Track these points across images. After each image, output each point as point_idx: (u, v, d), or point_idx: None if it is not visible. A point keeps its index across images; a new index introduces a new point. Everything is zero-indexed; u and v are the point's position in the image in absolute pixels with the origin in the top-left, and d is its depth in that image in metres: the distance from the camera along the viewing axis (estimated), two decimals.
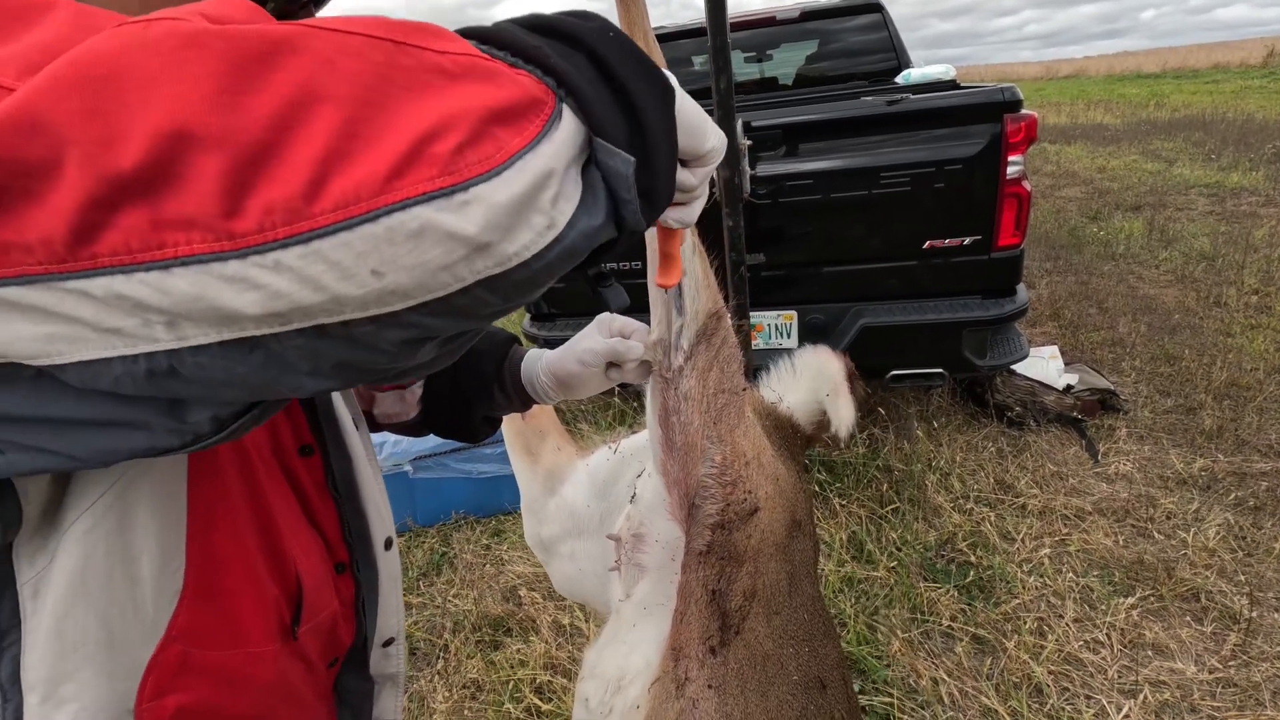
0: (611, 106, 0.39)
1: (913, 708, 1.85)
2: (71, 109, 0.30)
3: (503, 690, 2.02)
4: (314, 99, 0.31)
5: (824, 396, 1.13)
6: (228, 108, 0.30)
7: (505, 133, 0.34)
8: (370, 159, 0.31)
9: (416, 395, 0.90)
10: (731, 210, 2.15)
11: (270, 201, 0.31)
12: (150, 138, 0.30)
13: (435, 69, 0.34)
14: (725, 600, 0.92)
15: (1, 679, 0.51)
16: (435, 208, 0.32)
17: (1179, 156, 9.37)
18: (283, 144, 0.31)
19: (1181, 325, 4.06)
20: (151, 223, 0.31)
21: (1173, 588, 2.18)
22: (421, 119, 0.32)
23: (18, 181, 0.30)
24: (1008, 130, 2.52)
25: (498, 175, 0.33)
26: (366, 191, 0.31)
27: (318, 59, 0.32)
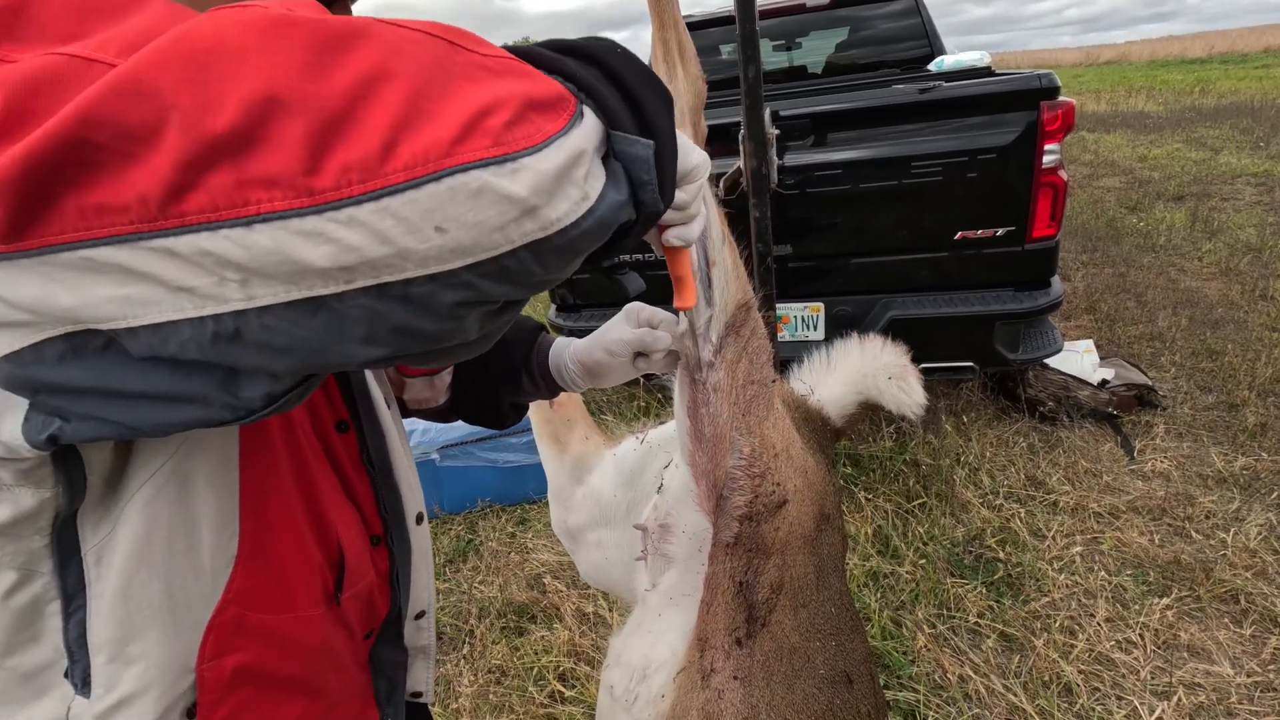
0: (624, 107, 0.44)
1: (938, 704, 1.84)
2: (174, 78, 0.33)
3: (527, 676, 2.04)
4: (386, 75, 0.35)
5: (887, 380, 1.12)
6: (312, 79, 0.34)
7: (541, 118, 0.38)
8: (435, 127, 0.35)
9: (446, 381, 0.92)
10: (759, 200, 2.13)
11: (347, 161, 0.34)
12: (244, 103, 0.33)
13: (481, 66, 0.39)
14: (752, 592, 0.92)
15: (69, 641, 0.54)
16: (492, 172, 0.36)
17: (1225, 144, 9.04)
18: (359, 111, 0.34)
19: (1225, 319, 3.93)
20: (237, 182, 0.34)
21: (1210, 589, 2.12)
22: (475, 99, 0.37)
23: (120, 144, 0.33)
24: (1044, 118, 2.45)
25: (540, 150, 0.37)
26: (434, 154, 0.35)
27: (388, 45, 0.36)
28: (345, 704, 0.72)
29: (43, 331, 0.39)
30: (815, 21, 4.92)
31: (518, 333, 0.93)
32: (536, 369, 0.93)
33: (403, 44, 0.37)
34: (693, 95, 0.79)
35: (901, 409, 1.16)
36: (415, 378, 0.91)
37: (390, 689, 0.79)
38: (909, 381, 1.14)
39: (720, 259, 0.80)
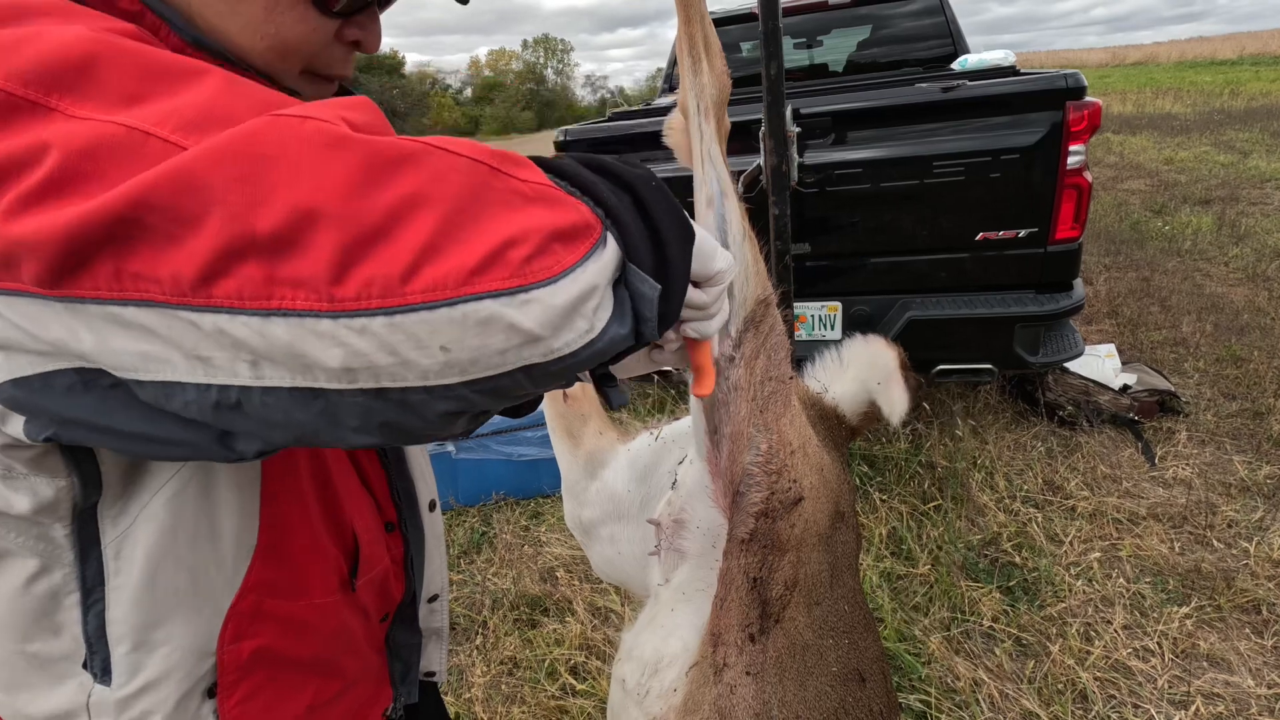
0: (646, 240, 0.46)
1: (950, 707, 1.83)
2: (228, 176, 0.36)
3: (539, 668, 2.06)
4: (424, 201, 0.38)
5: (875, 385, 1.11)
6: (355, 198, 0.37)
7: (563, 249, 0.40)
8: (459, 255, 0.38)
9: None
10: (778, 198, 2.13)
11: (371, 276, 0.36)
12: (288, 211, 0.36)
13: (517, 193, 0.41)
14: (766, 588, 0.93)
15: (89, 633, 0.55)
16: (503, 303, 0.38)
17: (1255, 148, 8.86)
18: (393, 232, 0.37)
19: (1251, 325, 3.85)
20: (267, 277, 0.36)
21: (1231, 598, 2.09)
22: (502, 230, 0.39)
23: (167, 226, 0.36)
24: (1069, 118, 2.42)
25: (555, 282, 0.39)
26: (453, 281, 0.37)
27: (432, 173, 0.39)
28: (360, 684, 0.73)
29: (57, 362, 0.42)
30: (837, 19, 4.88)
31: None
32: None
33: (447, 171, 0.39)
34: (717, 90, 0.79)
35: (886, 416, 1.14)
36: None
37: (405, 670, 0.80)
38: (893, 390, 1.13)
39: (740, 255, 0.80)
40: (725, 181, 0.79)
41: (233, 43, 0.54)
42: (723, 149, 0.80)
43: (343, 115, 0.40)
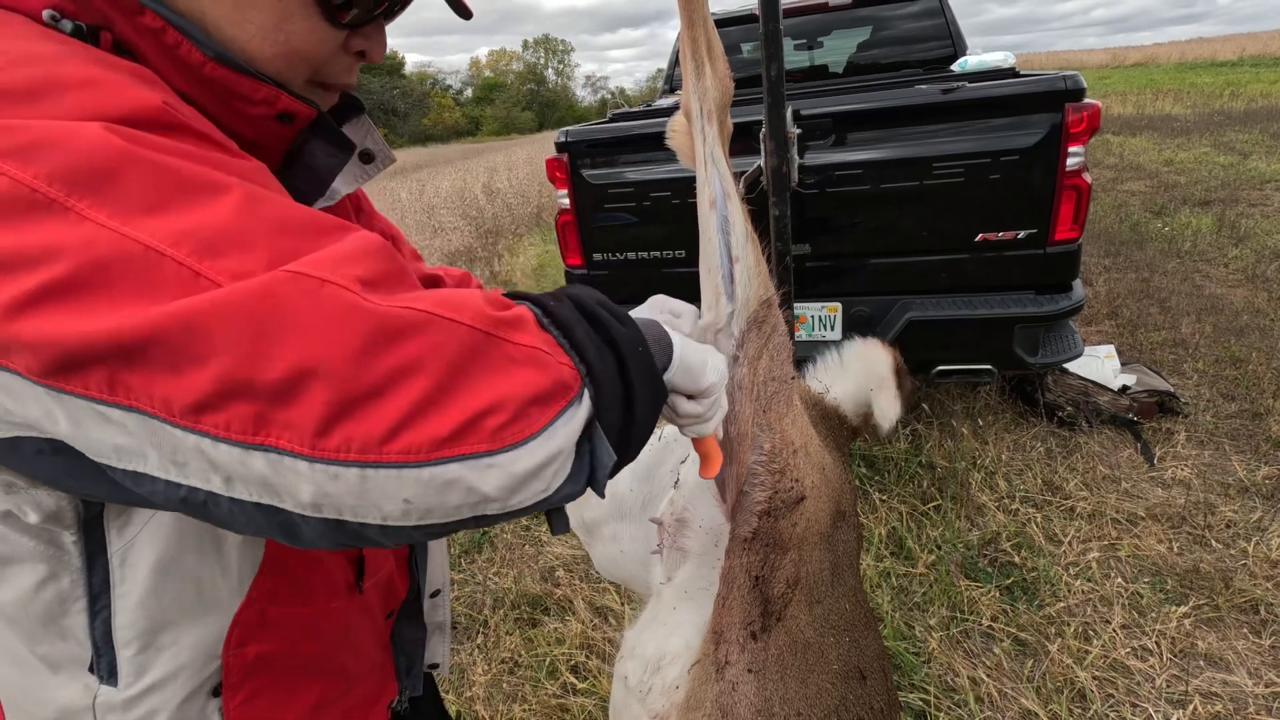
0: (619, 402, 0.50)
1: (950, 706, 1.84)
2: (239, 330, 0.38)
3: (539, 667, 2.07)
4: (417, 370, 0.41)
5: (869, 390, 1.12)
6: (355, 364, 0.39)
7: (538, 411, 0.44)
8: (438, 423, 0.41)
9: None
10: (779, 199, 2.14)
11: (353, 433, 0.39)
12: (290, 367, 0.38)
13: (508, 357, 0.44)
14: (768, 587, 0.93)
15: (96, 638, 0.56)
16: (468, 467, 0.41)
17: (1255, 149, 8.87)
18: (382, 397, 0.40)
19: (1250, 327, 3.86)
20: (258, 416, 0.39)
21: (1230, 598, 2.10)
22: (485, 396, 0.42)
23: (170, 359, 0.38)
24: (1069, 120, 2.43)
25: (521, 447, 0.43)
26: (427, 446, 0.40)
27: (431, 343, 0.41)
28: (366, 679, 0.74)
29: (27, 431, 0.43)
30: (837, 21, 4.89)
31: None
32: None
33: (445, 342, 0.42)
34: (720, 93, 0.80)
35: (878, 419, 1.15)
36: None
37: (409, 663, 0.81)
38: (884, 395, 1.13)
39: (743, 255, 0.81)
40: (728, 183, 0.80)
41: (244, 50, 0.55)
42: (725, 151, 0.81)
43: (357, 275, 0.41)
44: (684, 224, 2.85)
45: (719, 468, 0.73)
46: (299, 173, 0.64)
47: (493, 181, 12.33)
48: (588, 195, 2.98)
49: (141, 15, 0.51)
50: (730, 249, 0.80)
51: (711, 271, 0.82)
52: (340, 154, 0.65)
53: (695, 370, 0.61)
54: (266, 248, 0.41)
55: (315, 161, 0.64)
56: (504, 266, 7.20)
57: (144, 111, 0.43)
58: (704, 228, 0.82)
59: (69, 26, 0.49)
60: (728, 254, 0.80)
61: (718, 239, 0.80)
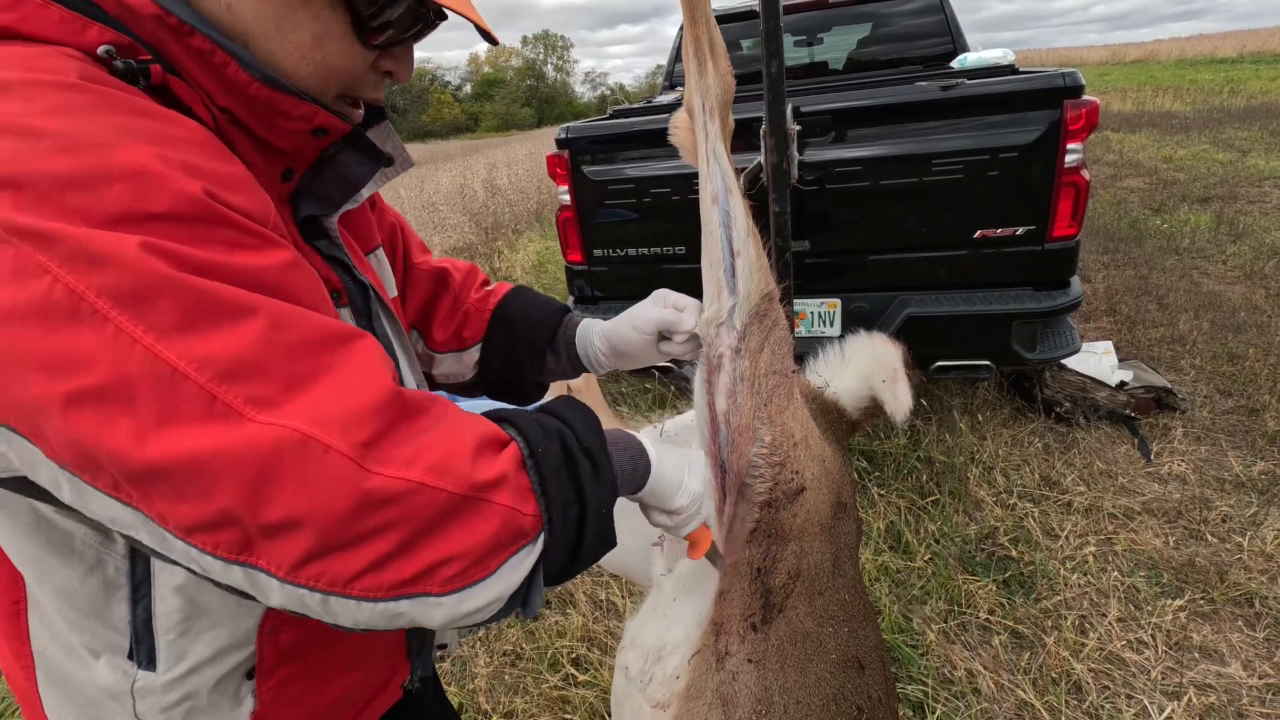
0: (566, 551, 0.56)
1: (947, 698, 1.86)
2: (245, 478, 0.43)
3: (541, 660, 2.08)
4: (393, 528, 0.46)
5: (880, 382, 1.13)
6: (341, 523, 0.45)
7: (490, 557, 0.50)
8: (400, 570, 0.47)
9: (474, 358, 0.96)
10: (779, 195, 2.15)
11: (325, 571, 0.45)
12: (284, 516, 0.44)
13: (478, 514, 0.49)
14: (769, 578, 0.95)
15: (136, 626, 0.59)
16: (416, 604, 0.48)
17: (1254, 146, 8.88)
18: (357, 549, 0.45)
19: (1248, 323, 3.88)
20: (244, 543, 0.45)
21: (1225, 591, 2.12)
22: (447, 548, 0.48)
23: (176, 487, 0.43)
24: (1067, 117, 2.44)
25: (468, 590, 0.50)
26: (385, 587, 0.47)
27: (412, 508, 0.46)
28: (385, 660, 0.77)
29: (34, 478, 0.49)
30: (837, 17, 4.89)
31: (544, 313, 0.96)
32: (562, 348, 0.96)
33: (424, 506, 0.47)
34: (722, 90, 0.81)
35: (890, 412, 1.17)
36: (445, 354, 0.95)
37: (421, 644, 0.83)
38: (898, 387, 1.15)
39: (745, 250, 0.82)
40: (730, 179, 0.81)
41: (281, 66, 0.58)
42: (727, 148, 0.82)
43: (361, 440, 0.46)
44: (684, 220, 2.86)
45: (703, 552, 0.79)
46: (329, 178, 0.67)
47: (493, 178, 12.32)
48: (588, 191, 2.99)
49: (192, 37, 0.53)
50: (732, 243, 0.81)
51: (713, 265, 0.83)
52: (371, 164, 0.69)
53: (666, 495, 0.70)
54: (282, 375, 0.45)
55: (348, 171, 0.68)
56: (504, 263, 7.21)
57: (186, 206, 0.46)
58: (706, 222, 0.83)
59: (120, 66, 0.51)
60: (729, 248, 0.82)
61: (720, 234, 0.81)
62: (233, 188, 0.50)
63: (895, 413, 1.11)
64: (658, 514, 0.73)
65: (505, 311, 0.95)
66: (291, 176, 0.65)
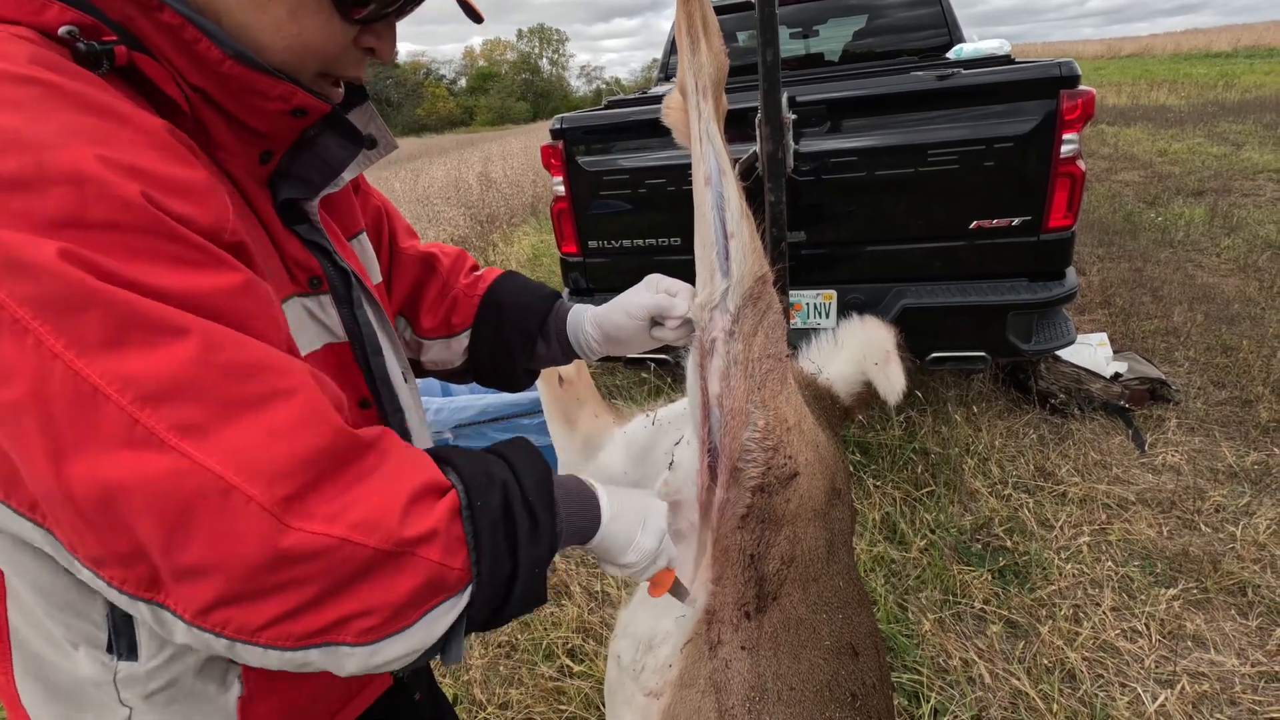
0: (491, 607, 0.55)
1: (942, 686, 1.86)
2: (161, 518, 0.42)
3: (536, 651, 2.08)
4: (305, 584, 0.45)
5: (873, 365, 1.13)
6: (253, 574, 0.44)
7: (410, 609, 0.49)
8: (313, 620, 0.46)
9: (463, 344, 0.94)
10: (774, 185, 2.14)
11: (232, 618, 0.45)
12: (198, 561, 0.43)
13: (400, 569, 0.48)
14: (763, 564, 0.94)
15: (115, 619, 0.57)
16: (327, 654, 0.48)
17: (1248, 140, 8.89)
18: (264, 599, 0.44)
19: (1241, 315, 3.89)
20: (151, 582, 0.45)
21: (1218, 580, 2.12)
22: (360, 603, 0.47)
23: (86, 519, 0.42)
24: (1063, 107, 2.43)
25: (383, 642, 0.49)
26: (296, 636, 0.46)
27: (327, 567, 0.46)
28: None
29: None
30: (833, 9, 4.87)
31: (534, 300, 0.95)
32: (553, 335, 0.94)
33: (343, 563, 0.46)
34: (715, 69, 0.79)
35: (884, 394, 1.16)
36: (433, 340, 0.94)
37: None
38: (891, 367, 1.15)
39: (739, 232, 0.81)
40: (723, 160, 0.80)
41: (256, 40, 0.56)
42: (721, 128, 0.81)
43: (284, 495, 0.44)
44: (680, 211, 2.84)
45: (663, 591, 0.79)
46: (309, 161, 0.65)
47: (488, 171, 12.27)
48: (583, 182, 2.97)
49: (161, 11, 0.51)
50: (725, 225, 0.80)
51: (706, 248, 0.82)
52: (352, 147, 0.67)
53: (616, 551, 0.69)
54: (212, 401, 0.43)
55: (327, 154, 0.66)
56: (499, 256, 7.18)
57: (125, 215, 0.44)
58: (699, 204, 0.82)
59: (83, 49, 0.48)
60: (723, 230, 0.81)
61: (713, 215, 0.80)
62: (181, 194, 0.47)
63: (888, 394, 1.10)
64: (607, 565, 0.72)
65: (495, 297, 0.94)
66: (270, 159, 0.63)
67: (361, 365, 0.73)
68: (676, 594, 0.87)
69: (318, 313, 0.68)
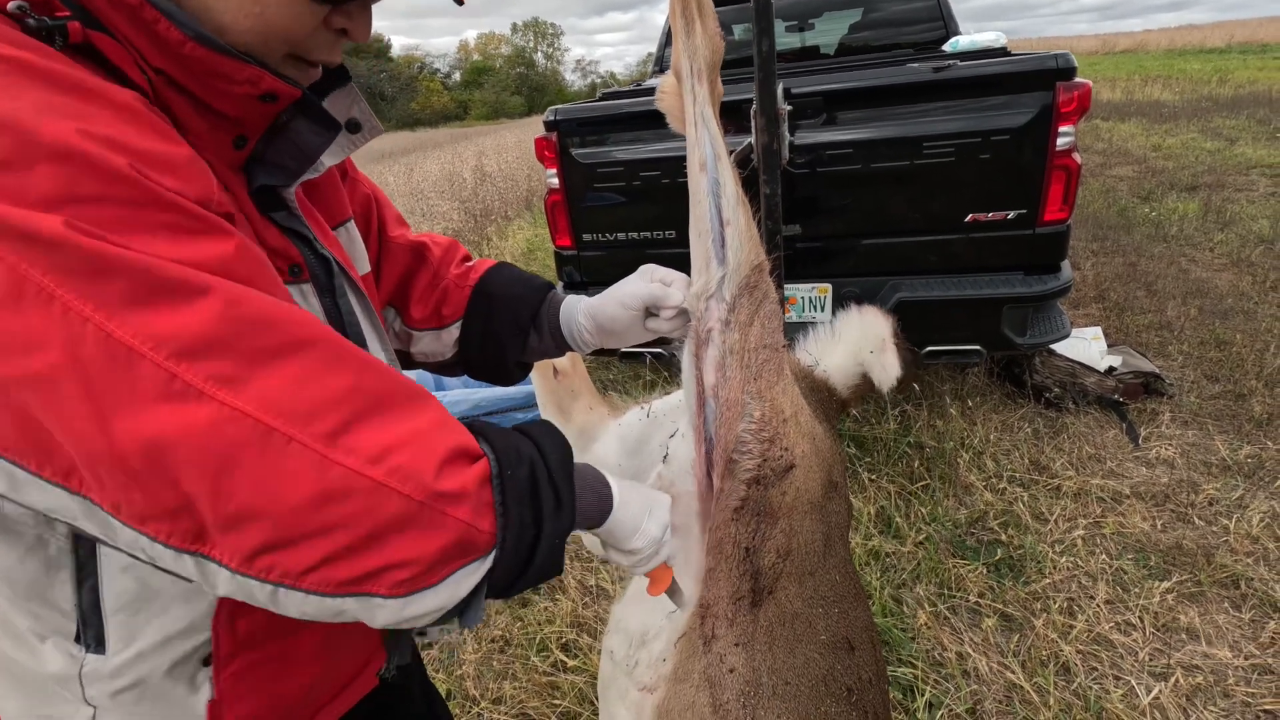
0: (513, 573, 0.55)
1: (937, 680, 1.86)
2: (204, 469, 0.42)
3: (530, 646, 2.07)
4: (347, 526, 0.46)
5: (868, 353, 1.11)
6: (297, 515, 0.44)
7: (440, 566, 0.50)
8: (350, 568, 0.46)
9: (454, 336, 0.92)
10: (769, 177, 2.12)
11: (277, 563, 0.45)
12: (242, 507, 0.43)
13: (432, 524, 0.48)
14: (758, 558, 0.93)
15: (84, 608, 0.55)
16: (361, 604, 0.48)
17: (1241, 135, 8.92)
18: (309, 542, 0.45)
19: (1235, 310, 3.90)
20: (199, 533, 0.45)
21: (1211, 573, 2.13)
22: (395, 554, 0.47)
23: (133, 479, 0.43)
24: (1059, 99, 2.42)
25: (413, 596, 0.49)
26: (333, 584, 0.47)
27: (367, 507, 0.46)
28: (358, 648, 0.74)
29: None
30: (829, 2, 4.85)
31: (526, 290, 0.92)
32: (546, 327, 0.92)
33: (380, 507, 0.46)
34: (710, 51, 0.78)
35: (878, 383, 1.16)
36: (423, 331, 0.92)
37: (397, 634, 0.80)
38: (886, 357, 1.14)
39: (734, 219, 0.79)
40: (719, 145, 0.79)
41: (218, 22, 0.54)
42: (716, 112, 0.79)
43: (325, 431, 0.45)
44: (675, 204, 2.82)
45: (662, 589, 0.79)
46: (283, 146, 0.63)
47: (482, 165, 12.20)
48: (577, 175, 2.95)
49: None
50: (721, 212, 0.79)
51: (702, 236, 0.81)
52: (326, 133, 0.64)
53: (622, 536, 0.69)
54: (242, 351, 0.44)
55: (300, 139, 0.63)
56: (493, 250, 7.15)
57: (118, 188, 0.43)
58: (694, 191, 0.81)
59: (33, 24, 0.47)
60: (718, 217, 0.79)
61: (708, 202, 0.79)
62: (166, 168, 0.46)
63: (882, 383, 1.09)
64: (614, 552, 0.73)
65: (486, 288, 0.92)
66: (245, 144, 0.61)
67: None
68: (672, 595, 0.86)
69: (299, 301, 0.66)
